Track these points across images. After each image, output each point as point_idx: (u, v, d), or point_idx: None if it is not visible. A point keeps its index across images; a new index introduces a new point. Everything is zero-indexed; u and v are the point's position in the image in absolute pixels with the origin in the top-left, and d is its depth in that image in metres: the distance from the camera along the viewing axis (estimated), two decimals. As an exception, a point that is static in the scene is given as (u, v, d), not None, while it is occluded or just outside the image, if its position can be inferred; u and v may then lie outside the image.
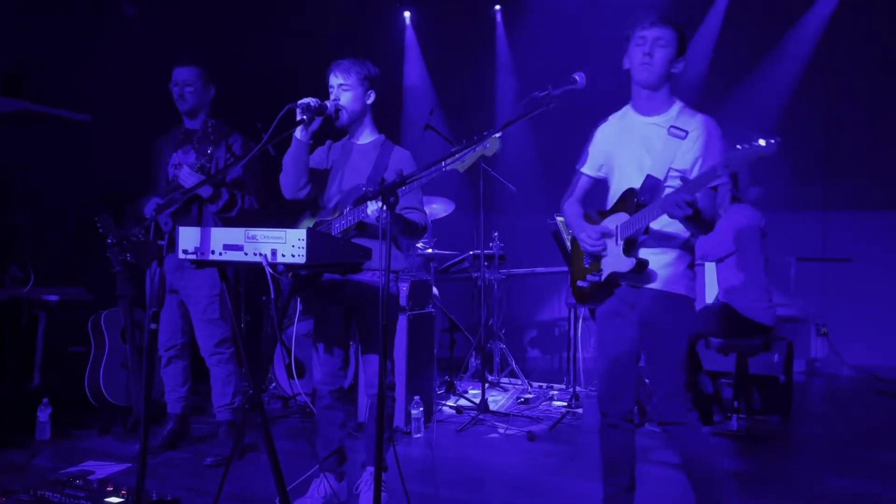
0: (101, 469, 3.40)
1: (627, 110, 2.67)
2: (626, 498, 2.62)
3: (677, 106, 2.58)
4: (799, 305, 6.33)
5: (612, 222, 2.56)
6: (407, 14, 7.77)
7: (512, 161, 6.76)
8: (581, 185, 2.77)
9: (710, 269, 4.90)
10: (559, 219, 4.89)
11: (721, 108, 6.61)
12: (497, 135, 2.44)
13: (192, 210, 3.62)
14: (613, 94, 2.79)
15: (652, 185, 2.46)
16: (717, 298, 4.44)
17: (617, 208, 2.57)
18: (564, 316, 6.58)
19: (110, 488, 2.86)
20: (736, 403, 4.45)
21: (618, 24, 2.64)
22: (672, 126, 2.51)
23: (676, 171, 2.47)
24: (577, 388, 5.04)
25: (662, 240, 2.52)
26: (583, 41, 6.49)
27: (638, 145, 2.57)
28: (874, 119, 6.41)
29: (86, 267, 4.28)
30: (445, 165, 2.51)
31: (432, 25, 7.72)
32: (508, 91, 7.54)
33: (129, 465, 3.45)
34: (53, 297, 4.23)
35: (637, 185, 2.51)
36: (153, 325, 2.67)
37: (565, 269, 4.97)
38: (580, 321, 5.24)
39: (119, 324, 4.08)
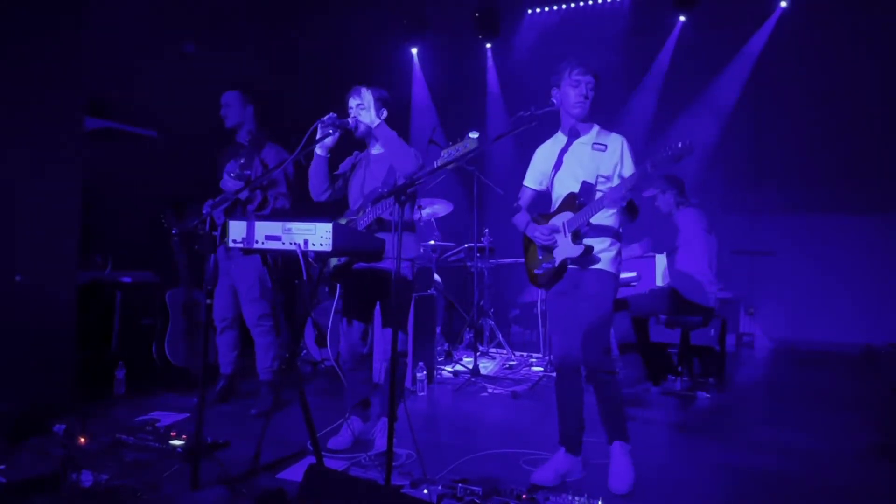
0: (166, 418, 3.42)
1: (558, 135, 2.79)
2: (577, 437, 2.71)
3: (595, 128, 2.73)
4: (731, 290, 6.36)
5: (559, 220, 2.69)
6: (414, 50, 7.75)
7: (500, 170, 6.77)
8: (526, 197, 2.87)
9: (660, 259, 4.91)
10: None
11: (672, 127, 6.63)
12: (473, 135, 2.43)
13: (237, 210, 3.63)
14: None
15: (587, 188, 2.61)
16: (667, 283, 4.46)
17: (561, 209, 2.70)
18: (542, 298, 6.59)
19: (173, 433, 2.90)
20: (680, 368, 4.48)
21: (585, 57, 2.66)
22: (594, 143, 2.67)
23: (602, 176, 2.63)
24: (552, 357, 5.05)
25: (599, 231, 2.66)
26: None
27: (571, 160, 2.70)
28: (795, 139, 6.41)
29: (153, 254, 4.28)
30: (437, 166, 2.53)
31: (435, 59, 7.71)
32: (497, 112, 7.53)
33: (189, 414, 3.47)
34: (127, 279, 4.23)
35: (575, 190, 2.64)
36: (208, 301, 2.68)
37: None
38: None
39: (180, 301, 4.10)
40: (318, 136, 2.92)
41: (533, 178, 2.84)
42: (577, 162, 2.67)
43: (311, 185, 3.09)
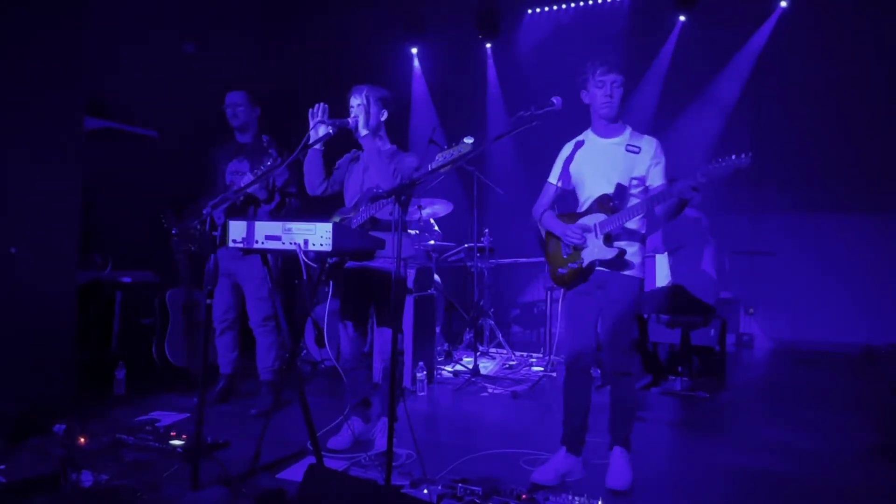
0: (166, 418, 3.43)
1: (589, 133, 2.75)
2: (579, 437, 2.71)
3: (628, 129, 2.69)
4: (731, 290, 6.36)
5: (590, 221, 2.63)
6: (414, 50, 7.75)
7: (500, 169, 6.78)
8: (551, 194, 2.82)
9: (660, 259, 4.91)
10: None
11: (672, 127, 6.62)
12: (468, 140, 2.43)
13: (249, 210, 3.62)
14: (582, 114, 2.81)
15: (622, 191, 2.57)
16: (670, 282, 4.46)
17: (591, 210, 2.65)
18: (542, 298, 6.60)
19: (173, 433, 2.90)
20: (680, 368, 4.47)
21: (584, 58, 2.67)
22: (628, 144, 2.63)
23: (636, 178, 2.60)
24: (552, 357, 5.05)
25: (629, 235, 2.63)
26: (557, 72, 6.47)
27: (603, 161, 2.65)
28: (795, 138, 6.41)
29: (153, 254, 4.28)
30: (431, 169, 2.55)
31: (435, 59, 7.70)
32: (497, 112, 7.52)
33: (189, 415, 3.48)
34: (127, 279, 4.23)
35: (604, 192, 2.61)
36: (209, 301, 2.68)
37: (543, 259, 4.98)
38: (553, 303, 5.27)
39: (180, 301, 4.09)
40: (320, 134, 2.92)
41: (558, 176, 2.79)
42: (611, 164, 2.62)
43: (306, 180, 3.11)
